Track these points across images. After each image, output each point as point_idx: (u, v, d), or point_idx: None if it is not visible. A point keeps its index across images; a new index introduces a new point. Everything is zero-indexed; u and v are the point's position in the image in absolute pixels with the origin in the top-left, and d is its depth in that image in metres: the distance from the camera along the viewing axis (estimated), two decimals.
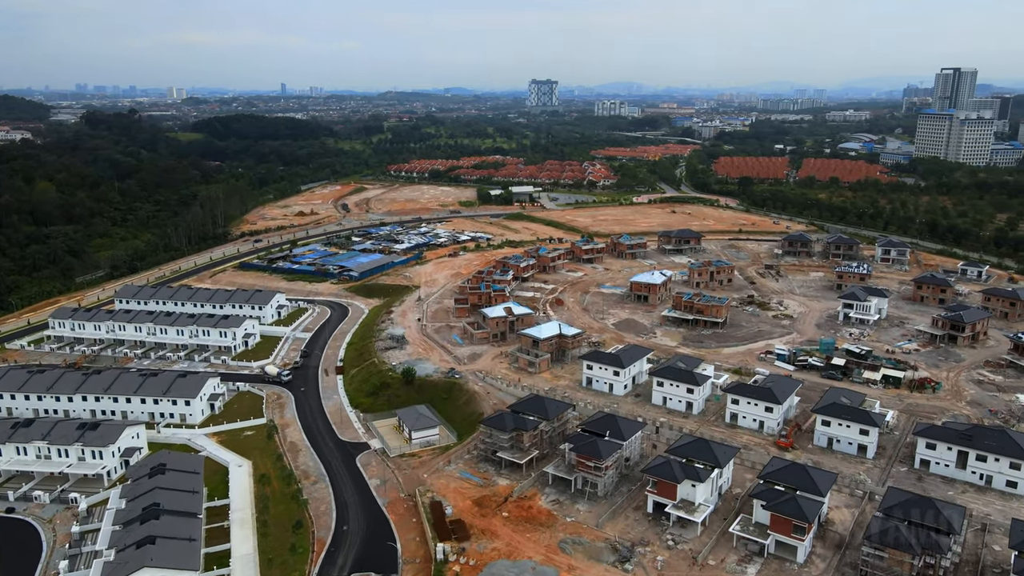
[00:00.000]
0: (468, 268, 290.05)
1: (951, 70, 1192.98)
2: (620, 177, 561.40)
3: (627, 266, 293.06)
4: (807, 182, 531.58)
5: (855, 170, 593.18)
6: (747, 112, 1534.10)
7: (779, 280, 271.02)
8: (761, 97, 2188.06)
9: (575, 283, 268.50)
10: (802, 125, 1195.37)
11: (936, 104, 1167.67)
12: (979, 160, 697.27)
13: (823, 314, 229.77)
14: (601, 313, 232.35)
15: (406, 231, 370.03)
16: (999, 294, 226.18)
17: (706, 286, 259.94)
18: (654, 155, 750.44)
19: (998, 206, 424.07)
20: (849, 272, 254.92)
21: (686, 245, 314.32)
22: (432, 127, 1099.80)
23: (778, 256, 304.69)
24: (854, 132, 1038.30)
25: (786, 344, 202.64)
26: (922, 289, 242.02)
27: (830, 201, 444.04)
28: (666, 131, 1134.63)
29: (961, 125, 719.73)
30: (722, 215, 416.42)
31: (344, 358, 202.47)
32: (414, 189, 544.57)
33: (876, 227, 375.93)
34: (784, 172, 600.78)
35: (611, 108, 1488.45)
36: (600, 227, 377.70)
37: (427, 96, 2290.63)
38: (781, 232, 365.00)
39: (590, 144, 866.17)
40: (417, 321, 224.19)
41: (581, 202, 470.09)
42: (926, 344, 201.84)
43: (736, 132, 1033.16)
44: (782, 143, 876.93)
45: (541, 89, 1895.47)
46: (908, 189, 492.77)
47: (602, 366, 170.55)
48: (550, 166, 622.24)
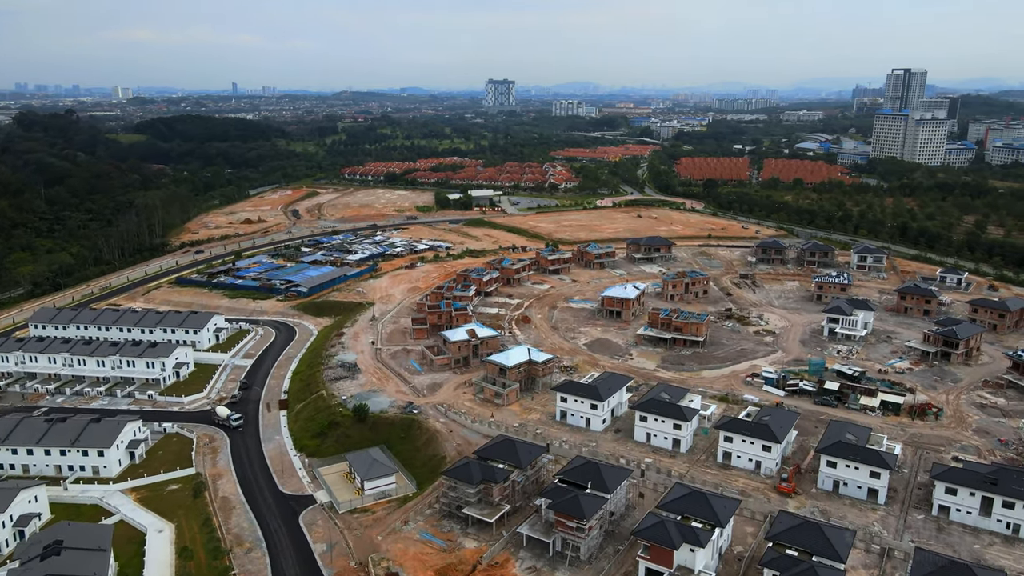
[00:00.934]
0: (426, 281, 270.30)
1: (902, 71, 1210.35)
2: (582, 179, 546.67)
3: (596, 277, 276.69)
4: (771, 184, 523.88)
5: (816, 171, 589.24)
6: (703, 112, 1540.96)
7: (756, 291, 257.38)
8: (716, 97, 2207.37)
9: (542, 297, 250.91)
10: (758, 125, 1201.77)
11: (888, 104, 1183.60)
12: (934, 160, 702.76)
13: (806, 329, 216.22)
14: (571, 331, 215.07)
15: (360, 240, 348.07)
16: (987, 305, 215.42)
17: (680, 299, 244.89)
18: (614, 156, 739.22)
19: (962, 208, 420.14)
20: (829, 282, 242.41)
21: (656, 253, 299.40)
22: (388, 128, 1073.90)
23: (752, 264, 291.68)
24: (809, 132, 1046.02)
25: (772, 365, 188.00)
26: (906, 300, 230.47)
27: (797, 204, 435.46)
28: (624, 131, 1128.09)
29: (916, 125, 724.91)
30: (689, 219, 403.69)
31: (289, 390, 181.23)
32: (369, 193, 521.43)
33: (846, 231, 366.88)
34: (747, 173, 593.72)
35: (569, 108, 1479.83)
36: (564, 233, 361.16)
37: (383, 96, 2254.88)
38: (751, 237, 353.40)
39: (549, 145, 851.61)
40: (371, 345, 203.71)
41: (543, 206, 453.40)
42: (918, 362, 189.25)
43: (694, 132, 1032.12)
44: (740, 143, 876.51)
45: (498, 89, 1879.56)
46: (872, 190, 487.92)
47: (578, 399, 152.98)
48: (510, 168, 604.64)
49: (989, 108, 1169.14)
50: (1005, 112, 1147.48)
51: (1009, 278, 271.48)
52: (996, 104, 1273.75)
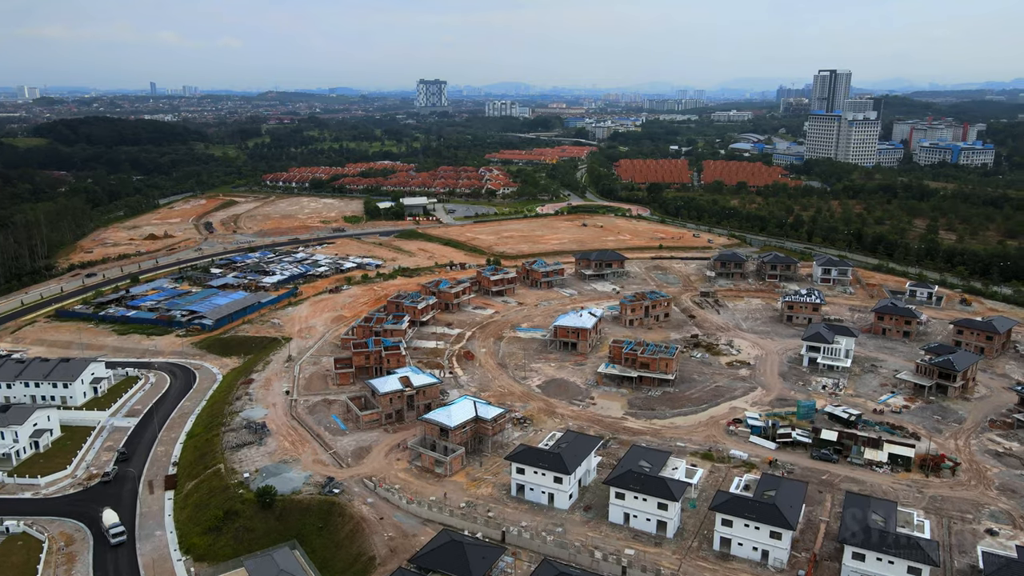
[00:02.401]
0: (353, 309, 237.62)
1: (828, 72, 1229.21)
2: (520, 184, 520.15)
3: (544, 298, 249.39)
4: (715, 187, 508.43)
5: (757, 173, 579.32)
6: (635, 112, 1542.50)
7: (720, 311, 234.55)
8: (646, 98, 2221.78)
9: (485, 325, 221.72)
10: (690, 125, 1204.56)
11: (815, 104, 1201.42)
12: (867, 160, 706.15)
13: (783, 357, 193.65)
14: (522, 369, 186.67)
15: (279, 258, 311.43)
16: (973, 327, 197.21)
17: (640, 323, 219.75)
18: (551, 158, 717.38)
19: (910, 211, 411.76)
20: (800, 302, 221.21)
21: (608, 269, 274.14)
22: (316, 130, 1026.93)
23: (711, 279, 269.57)
24: (740, 132, 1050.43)
25: (754, 406, 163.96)
26: (884, 320, 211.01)
27: (744, 208, 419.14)
28: (559, 132, 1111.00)
29: (849, 126, 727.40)
30: (637, 227, 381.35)
31: (179, 461, 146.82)
32: (292, 202, 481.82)
33: (799, 238, 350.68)
34: (688, 176, 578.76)
35: (502, 108, 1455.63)
36: (506, 246, 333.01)
37: (311, 96, 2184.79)
38: (704, 246, 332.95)
39: (484, 147, 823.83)
40: (285, 395, 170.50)
41: (481, 215, 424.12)
42: (913, 398, 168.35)
43: (629, 133, 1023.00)
44: (676, 143, 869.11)
45: (429, 89, 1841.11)
46: (816, 193, 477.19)
47: (539, 470, 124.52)
48: (444, 173, 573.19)
49: (907, 108, 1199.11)
50: (920, 111, 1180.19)
51: (978, 290, 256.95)
52: (913, 104, 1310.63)
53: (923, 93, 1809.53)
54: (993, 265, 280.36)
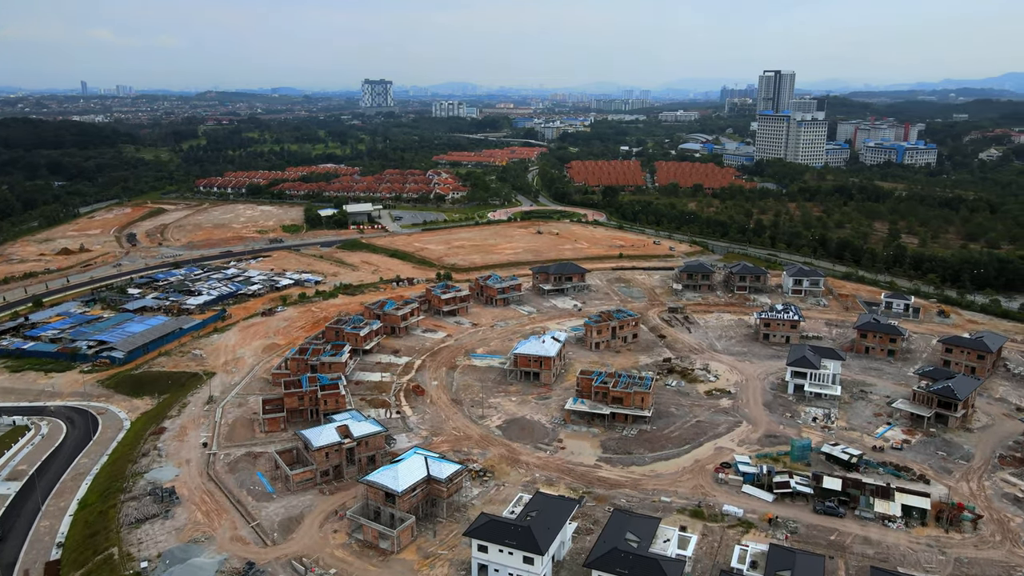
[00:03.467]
0: (288, 335, 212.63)
1: (772, 72, 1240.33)
2: (470, 188, 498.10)
3: (500, 317, 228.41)
4: (671, 189, 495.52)
5: (711, 174, 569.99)
6: (583, 112, 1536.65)
7: (691, 329, 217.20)
8: (593, 98, 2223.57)
9: (437, 351, 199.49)
10: (638, 125, 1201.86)
11: (760, 104, 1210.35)
12: (816, 160, 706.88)
13: (765, 383, 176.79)
14: (479, 405, 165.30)
15: (207, 275, 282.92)
16: (963, 345, 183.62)
17: (607, 346, 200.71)
18: (500, 159, 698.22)
19: (868, 213, 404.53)
20: (777, 319, 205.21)
21: (568, 283, 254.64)
22: (256, 131, 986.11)
23: (678, 292, 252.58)
24: (688, 132, 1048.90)
25: (741, 446, 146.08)
26: (867, 338, 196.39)
27: (703, 212, 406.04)
28: (508, 132, 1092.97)
29: (798, 127, 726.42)
30: (594, 234, 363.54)
31: (66, 542, 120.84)
32: (227, 210, 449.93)
33: (762, 244, 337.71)
34: (642, 178, 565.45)
35: (449, 109, 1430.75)
36: (458, 257, 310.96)
37: (253, 96, 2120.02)
38: (666, 255, 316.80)
39: (431, 148, 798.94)
40: (202, 448, 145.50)
41: (430, 222, 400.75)
42: (912, 430, 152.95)
43: (579, 133, 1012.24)
44: (625, 144, 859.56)
45: (375, 89, 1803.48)
46: (772, 195, 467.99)
47: (505, 548, 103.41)
48: (390, 176, 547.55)
49: (847, 108, 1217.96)
50: (859, 112, 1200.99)
51: (954, 300, 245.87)
52: (852, 104, 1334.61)
53: (859, 94, 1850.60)
54: (963, 272, 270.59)
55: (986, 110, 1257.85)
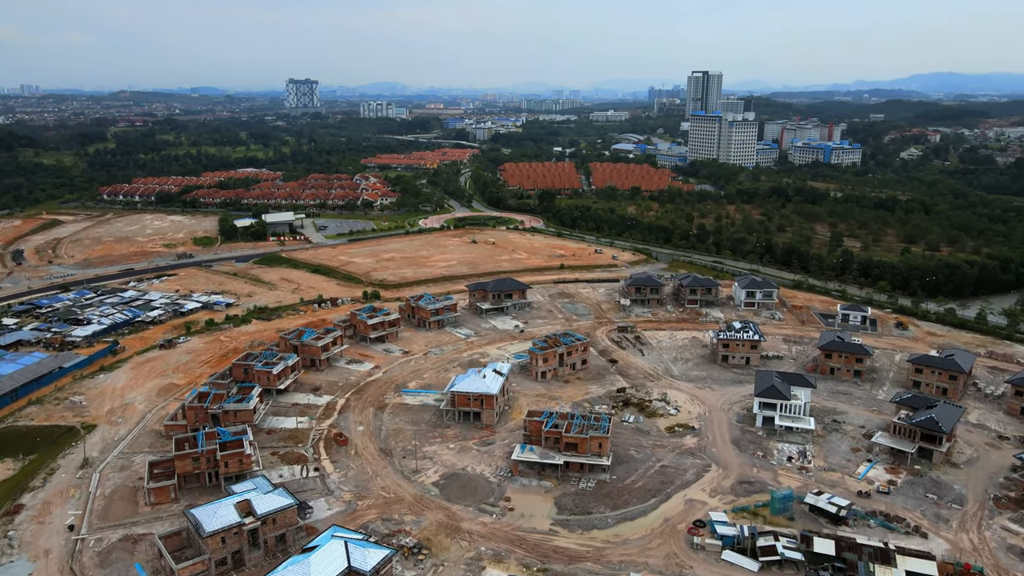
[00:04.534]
0: (189, 372, 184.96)
1: (701, 73, 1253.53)
2: (400, 194, 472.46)
3: (435, 343, 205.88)
4: (609, 193, 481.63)
5: (647, 176, 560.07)
6: (515, 113, 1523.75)
7: (643, 352, 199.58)
8: (523, 98, 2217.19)
9: (363, 387, 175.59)
10: (570, 126, 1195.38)
11: (690, 105, 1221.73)
12: (747, 161, 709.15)
13: (730, 415, 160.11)
14: (412, 456, 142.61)
15: (100, 299, 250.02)
16: (934, 365, 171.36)
17: (555, 374, 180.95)
18: (431, 162, 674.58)
19: (807, 216, 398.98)
20: (736, 340, 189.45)
21: (508, 300, 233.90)
22: (172, 133, 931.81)
23: (626, 308, 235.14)
24: (620, 132, 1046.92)
25: (714, 496, 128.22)
26: (832, 358, 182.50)
27: (643, 217, 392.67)
28: (439, 133, 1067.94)
29: (729, 127, 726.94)
30: (532, 243, 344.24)
31: None
32: (133, 220, 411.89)
33: (707, 250, 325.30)
34: (578, 180, 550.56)
35: (378, 109, 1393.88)
36: (387, 271, 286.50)
37: (171, 96, 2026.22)
38: (609, 264, 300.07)
39: (359, 151, 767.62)
40: (68, 532, 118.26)
41: (357, 232, 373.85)
42: (895, 467, 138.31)
43: (511, 133, 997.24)
44: (558, 144, 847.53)
45: (300, 89, 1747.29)
46: (711, 198, 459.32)
47: None
48: (315, 182, 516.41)
49: (770, 109, 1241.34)
50: (782, 112, 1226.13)
51: (909, 310, 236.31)
52: (775, 105, 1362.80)
53: (780, 94, 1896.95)
54: (912, 278, 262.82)
55: (899, 110, 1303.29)
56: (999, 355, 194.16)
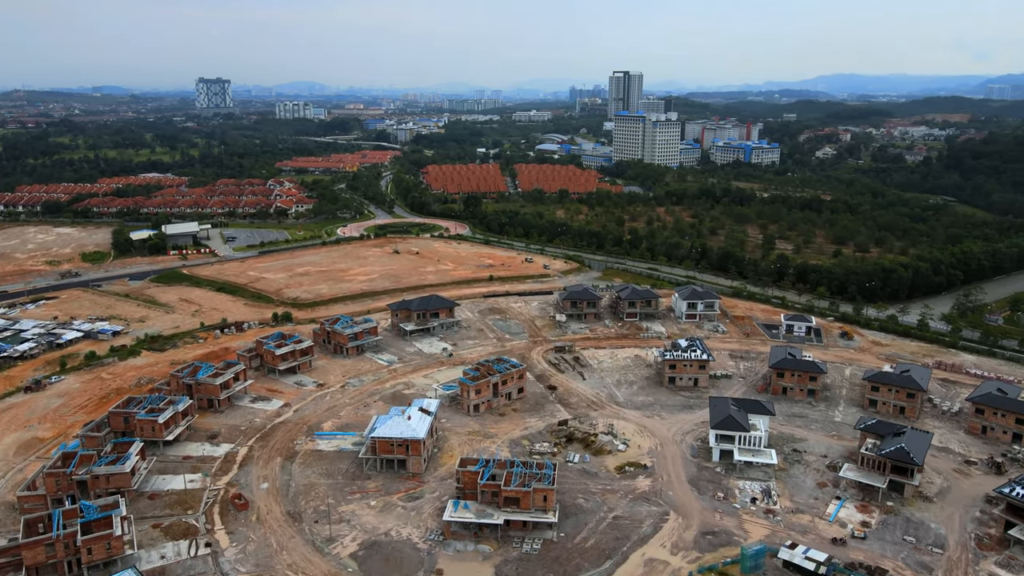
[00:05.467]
0: (60, 422, 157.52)
1: (622, 73, 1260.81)
2: (318, 200, 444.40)
3: (354, 372, 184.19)
4: (536, 196, 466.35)
5: (574, 178, 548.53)
6: (436, 113, 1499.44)
7: (584, 375, 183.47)
8: (445, 98, 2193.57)
9: (269, 432, 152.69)
10: (493, 126, 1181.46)
11: (612, 105, 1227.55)
12: (672, 161, 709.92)
13: (683, 445, 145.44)
14: (326, 519, 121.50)
15: None
16: (891, 383, 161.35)
17: (489, 407, 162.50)
18: (351, 164, 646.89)
19: (737, 218, 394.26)
20: (683, 360, 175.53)
21: (435, 320, 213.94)
22: (68, 135, 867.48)
23: (562, 325, 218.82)
24: (543, 133, 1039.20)
25: (676, 553, 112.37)
26: (784, 377, 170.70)
27: (572, 221, 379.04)
28: (359, 135, 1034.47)
29: (653, 127, 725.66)
30: (459, 252, 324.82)
31: None
32: (12, 234, 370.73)
33: (641, 256, 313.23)
34: (504, 183, 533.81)
35: (295, 110, 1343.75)
36: (301, 288, 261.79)
37: (70, 96, 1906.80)
38: (541, 274, 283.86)
39: (275, 154, 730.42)
40: None
41: (269, 243, 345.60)
42: (867, 505, 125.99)
43: (433, 134, 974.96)
44: (482, 145, 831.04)
45: (211, 89, 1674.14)
46: (641, 200, 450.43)
47: None
48: (224, 188, 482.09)
49: (688, 109, 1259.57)
50: (700, 111, 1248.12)
51: (851, 317, 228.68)
52: (693, 105, 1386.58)
53: (696, 94, 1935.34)
54: (849, 282, 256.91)
55: (810, 110, 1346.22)
56: (948, 365, 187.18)
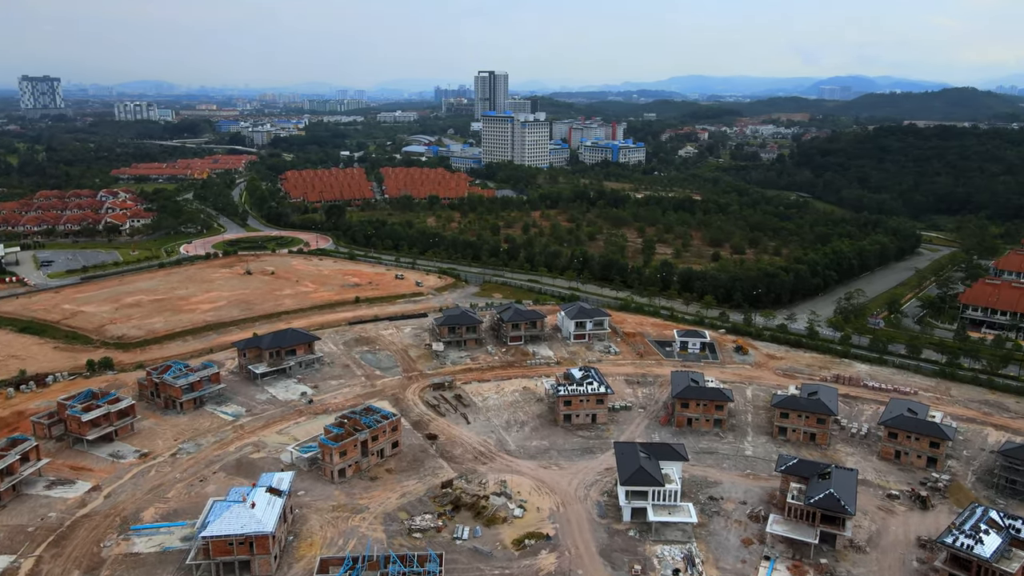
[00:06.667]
0: None
1: (487, 72, 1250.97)
2: (158, 213, 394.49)
3: (189, 433, 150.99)
4: (404, 202, 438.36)
5: (444, 182, 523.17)
6: (296, 114, 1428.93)
7: (468, 417, 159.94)
8: (305, 98, 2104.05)
9: (67, 533, 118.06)
10: (357, 127, 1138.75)
11: (479, 105, 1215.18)
12: (542, 162, 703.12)
13: (588, 504, 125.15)
14: None
15: None
16: (800, 408, 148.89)
17: (357, 469, 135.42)
18: (200, 171, 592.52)
19: (614, 221, 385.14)
20: (578, 395, 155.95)
21: (291, 358, 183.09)
22: None
23: (440, 355, 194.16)
24: (409, 134, 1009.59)
25: None
26: (689, 408, 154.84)
27: (444, 230, 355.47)
28: (210, 138, 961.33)
29: (522, 127, 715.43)
30: (320, 269, 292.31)
31: None
32: None
33: (520, 267, 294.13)
34: (370, 188, 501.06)
35: (137, 111, 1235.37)
36: (130, 323, 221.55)
37: None
38: (415, 293, 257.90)
39: (112, 160, 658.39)
40: None
41: (95, 267, 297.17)
42: (799, 564, 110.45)
43: (293, 137, 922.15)
44: (345, 148, 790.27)
45: (37, 88, 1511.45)
46: (515, 205, 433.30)
47: None
48: (44, 201, 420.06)
49: (554, 108, 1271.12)
50: (566, 111, 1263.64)
51: (743, 328, 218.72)
52: (558, 104, 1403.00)
53: (560, 94, 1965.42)
54: (735, 289, 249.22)
55: (668, 109, 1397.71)
56: (845, 379, 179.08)
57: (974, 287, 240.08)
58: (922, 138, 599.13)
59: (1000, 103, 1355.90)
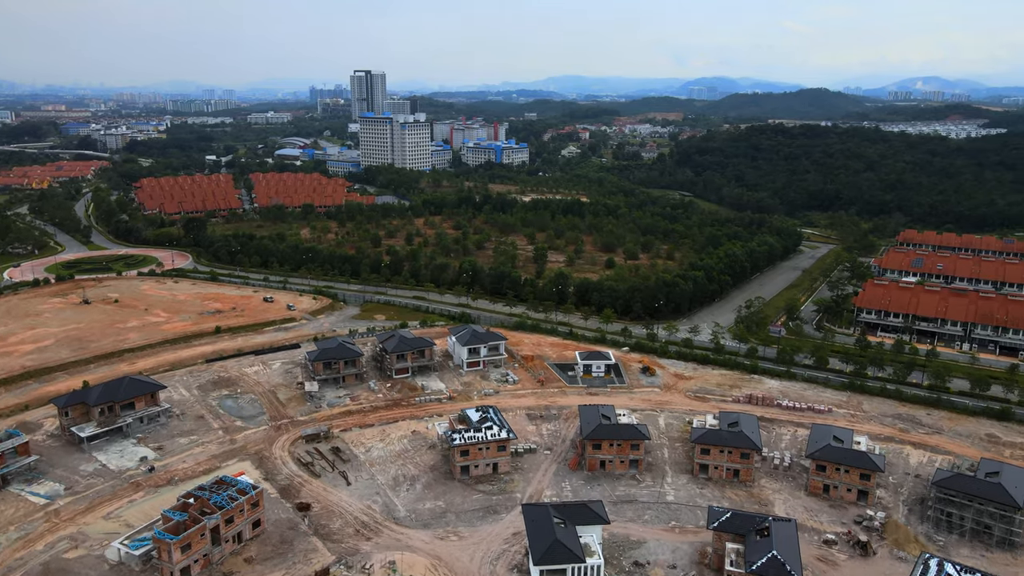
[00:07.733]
0: None
1: (363, 72, 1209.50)
2: None
3: None
4: (276, 213, 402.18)
5: (320, 188, 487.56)
6: (157, 115, 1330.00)
7: (348, 476, 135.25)
8: (168, 98, 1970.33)
9: None
10: (225, 129, 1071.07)
11: (356, 106, 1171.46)
12: (423, 164, 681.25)
13: None
14: None
15: None
16: (722, 443, 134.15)
17: (206, 563, 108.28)
18: (40, 180, 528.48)
19: (501, 227, 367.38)
20: (477, 444, 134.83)
21: (129, 413, 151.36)
22: None
23: (314, 397, 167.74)
24: (283, 136, 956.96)
25: None
26: (602, 449, 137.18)
27: (320, 244, 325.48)
28: (55, 142, 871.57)
29: (402, 129, 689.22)
30: (175, 294, 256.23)
31: None
32: None
33: (405, 283, 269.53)
34: (237, 197, 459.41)
35: None
36: None
37: None
38: (286, 318, 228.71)
39: None
40: None
41: None
42: None
43: (152, 140, 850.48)
44: (212, 152, 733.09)
45: None
46: (397, 212, 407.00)
47: None
48: None
49: (434, 108, 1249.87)
50: (446, 112, 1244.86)
51: (647, 346, 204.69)
52: (437, 104, 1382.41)
53: (440, 94, 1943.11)
54: (634, 300, 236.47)
55: (547, 109, 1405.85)
56: (758, 399, 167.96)
57: (866, 289, 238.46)
58: (790, 136, 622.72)
59: (849, 103, 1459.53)
